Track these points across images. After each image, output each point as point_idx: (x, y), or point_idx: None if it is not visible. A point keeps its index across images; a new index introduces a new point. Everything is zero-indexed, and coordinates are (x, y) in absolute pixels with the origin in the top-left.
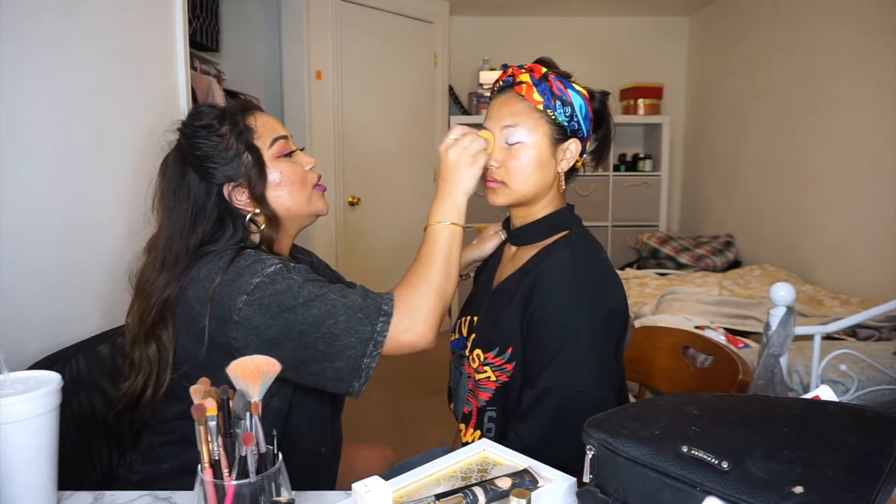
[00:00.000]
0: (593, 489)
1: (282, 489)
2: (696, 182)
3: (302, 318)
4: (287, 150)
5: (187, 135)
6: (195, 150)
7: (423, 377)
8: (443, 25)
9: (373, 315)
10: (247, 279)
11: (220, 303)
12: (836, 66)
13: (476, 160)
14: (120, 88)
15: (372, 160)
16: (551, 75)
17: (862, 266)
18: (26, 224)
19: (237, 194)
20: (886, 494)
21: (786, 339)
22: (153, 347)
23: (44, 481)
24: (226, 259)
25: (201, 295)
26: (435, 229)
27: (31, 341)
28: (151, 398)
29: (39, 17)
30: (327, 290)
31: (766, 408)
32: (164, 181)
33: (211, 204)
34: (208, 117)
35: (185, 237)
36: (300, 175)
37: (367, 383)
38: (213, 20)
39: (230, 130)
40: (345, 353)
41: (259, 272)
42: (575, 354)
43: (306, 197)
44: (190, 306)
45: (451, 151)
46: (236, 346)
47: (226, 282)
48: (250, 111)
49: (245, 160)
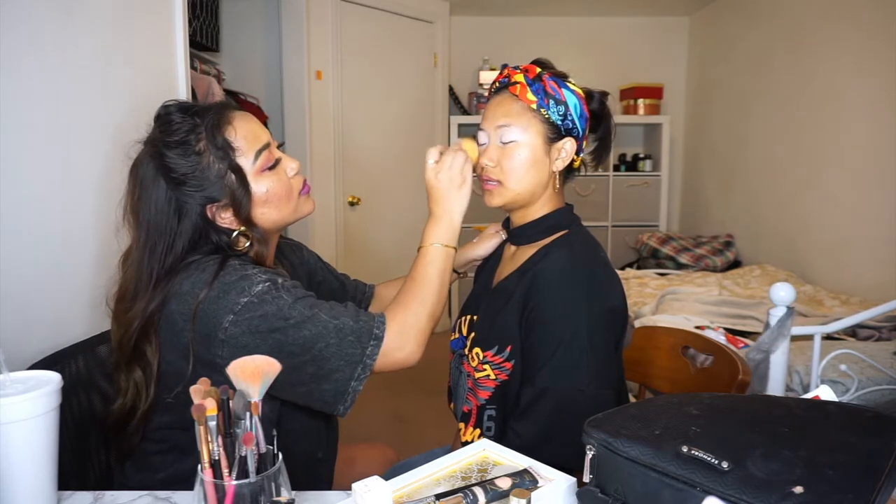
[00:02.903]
0: (593, 489)
1: (282, 489)
2: (696, 182)
3: (292, 339)
4: (271, 161)
5: (160, 153)
6: (170, 171)
7: (423, 377)
8: (443, 25)
9: (364, 338)
10: (233, 298)
11: (204, 320)
12: (837, 66)
13: (464, 177)
14: (120, 88)
15: (372, 160)
16: (545, 75)
17: (862, 266)
18: (26, 224)
19: (221, 213)
20: (886, 494)
21: (777, 338)
22: (138, 372)
23: (44, 481)
24: (209, 272)
25: (185, 310)
26: (430, 251)
27: (31, 341)
28: (143, 414)
29: (39, 18)
30: (318, 309)
31: (766, 408)
32: (137, 189)
33: (191, 223)
34: (181, 130)
35: (163, 258)
36: (286, 188)
37: (353, 405)
38: (213, 20)
39: (208, 146)
40: (333, 377)
41: (246, 291)
42: (573, 353)
43: (293, 207)
44: (173, 321)
45: (439, 176)
46: (221, 363)
47: (211, 298)
48: (227, 118)
49: (228, 181)
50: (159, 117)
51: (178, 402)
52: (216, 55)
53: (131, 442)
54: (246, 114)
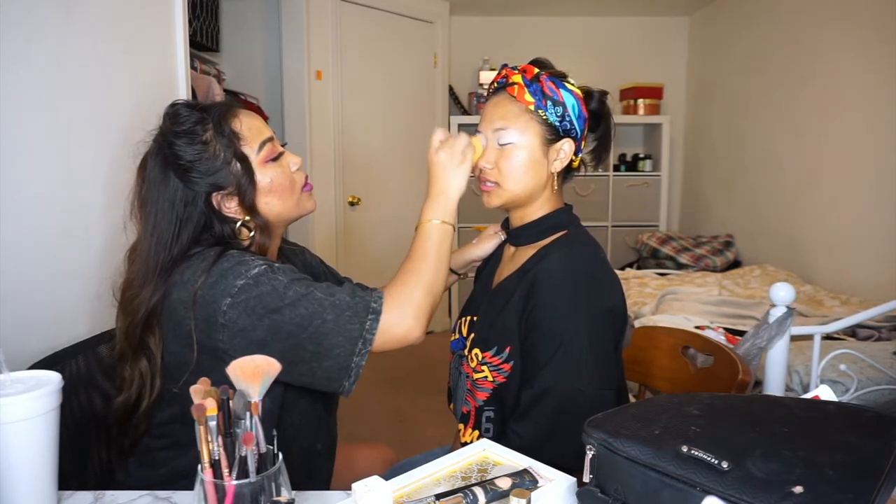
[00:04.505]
0: (593, 489)
1: (282, 489)
2: (696, 182)
3: (289, 318)
4: (275, 153)
5: (169, 142)
6: (178, 159)
7: (423, 377)
8: (443, 25)
9: (361, 313)
10: (230, 281)
11: (203, 306)
12: (836, 66)
13: (465, 157)
14: (120, 88)
15: (372, 160)
16: (543, 76)
17: (862, 266)
18: (27, 224)
19: (226, 202)
20: (886, 494)
21: (775, 337)
22: (143, 362)
23: (44, 481)
24: (209, 260)
25: (185, 298)
26: (427, 227)
27: (31, 341)
28: (147, 408)
29: (39, 17)
30: (314, 288)
31: (765, 408)
32: (145, 186)
33: (197, 212)
34: (188, 121)
35: (170, 247)
36: (289, 180)
37: (357, 381)
38: (213, 20)
39: (214, 136)
40: (333, 352)
41: (243, 274)
42: (573, 354)
43: (295, 201)
44: (174, 310)
45: (439, 153)
46: (223, 348)
47: (209, 284)
48: (233, 112)
49: (234, 169)
50: (167, 114)
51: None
52: (216, 55)
53: (134, 436)
54: (250, 111)
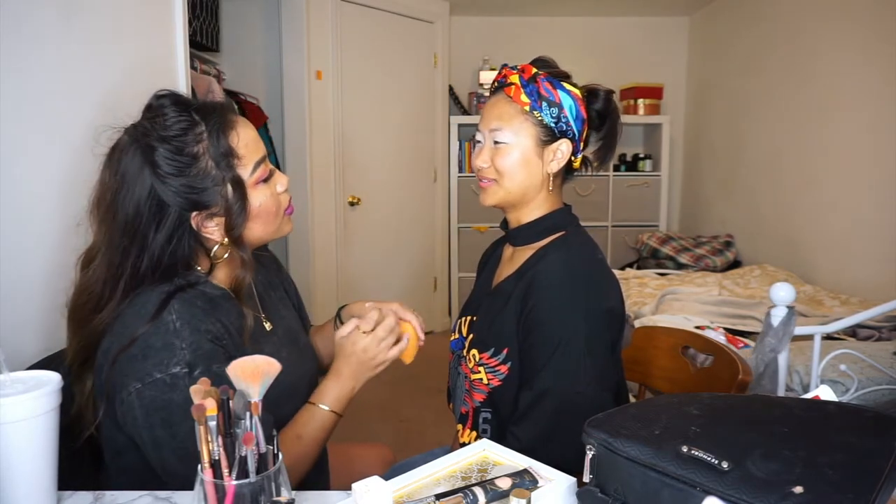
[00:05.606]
0: (593, 489)
1: (282, 489)
2: (696, 182)
3: (178, 439)
4: (266, 173)
5: (149, 145)
6: (157, 168)
7: (423, 377)
8: (443, 25)
9: None
10: (148, 367)
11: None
12: (836, 66)
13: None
14: (120, 88)
15: (372, 160)
16: (541, 76)
17: (862, 266)
18: (27, 225)
19: (207, 222)
20: (886, 494)
21: (784, 337)
22: (88, 383)
23: (44, 481)
24: (149, 308)
25: (108, 349)
26: (315, 411)
27: (31, 341)
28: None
29: (39, 18)
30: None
31: (766, 408)
32: (116, 181)
33: (170, 226)
34: (176, 127)
35: (136, 261)
36: (276, 204)
37: None
38: (213, 20)
39: (207, 150)
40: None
41: (164, 365)
42: (571, 355)
43: (277, 225)
44: (103, 351)
45: (367, 349)
46: (109, 419)
47: (129, 355)
48: (229, 123)
49: (225, 192)
50: (151, 107)
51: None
52: (216, 55)
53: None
54: (245, 120)
